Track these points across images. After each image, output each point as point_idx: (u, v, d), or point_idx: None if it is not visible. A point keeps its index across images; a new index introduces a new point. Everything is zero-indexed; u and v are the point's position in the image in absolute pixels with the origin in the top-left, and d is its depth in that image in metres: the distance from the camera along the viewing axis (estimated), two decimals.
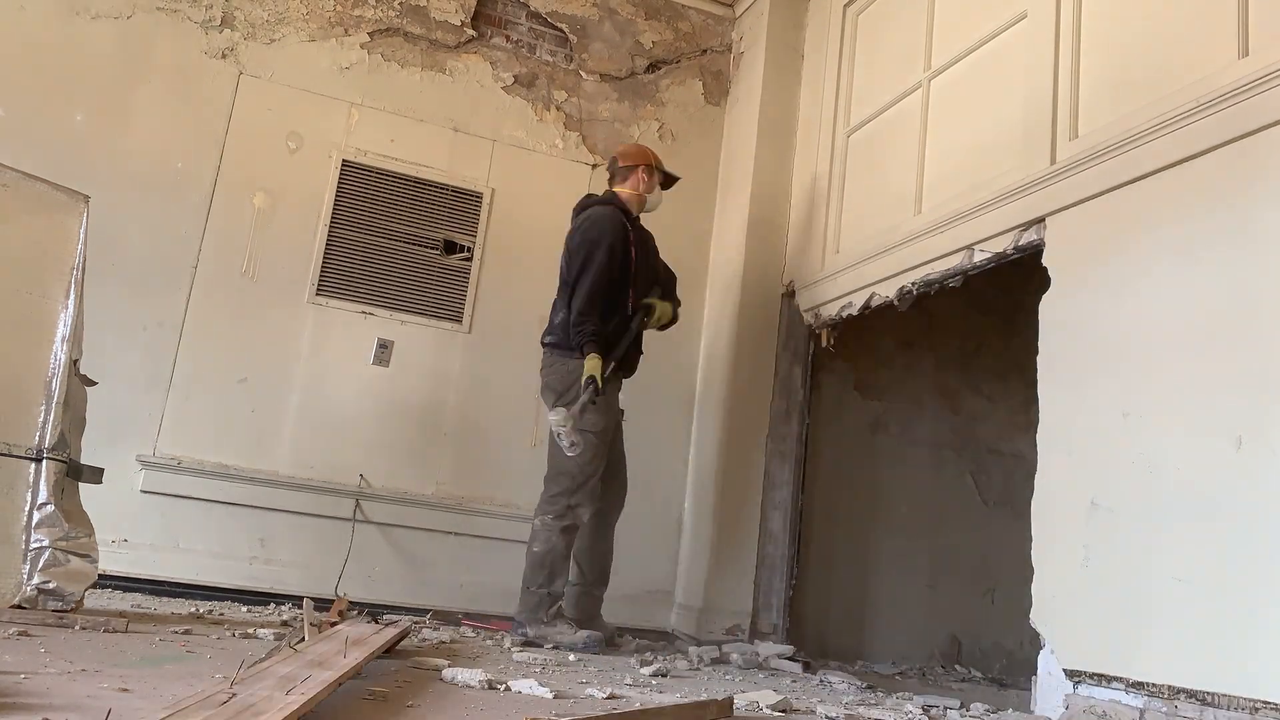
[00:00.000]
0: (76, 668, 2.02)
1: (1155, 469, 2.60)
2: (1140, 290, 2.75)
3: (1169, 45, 2.84)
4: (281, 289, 4.42)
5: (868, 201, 4.29)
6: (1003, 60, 3.56)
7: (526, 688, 2.37)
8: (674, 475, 4.75)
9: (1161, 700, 2.44)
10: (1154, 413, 2.63)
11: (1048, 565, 2.90)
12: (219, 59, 4.47)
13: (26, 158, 3.39)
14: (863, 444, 4.97)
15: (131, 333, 4.16)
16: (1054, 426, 2.98)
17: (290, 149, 4.52)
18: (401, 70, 4.74)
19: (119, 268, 4.10)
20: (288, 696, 1.66)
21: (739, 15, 5.32)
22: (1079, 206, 3.01)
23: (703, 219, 5.07)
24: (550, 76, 5.01)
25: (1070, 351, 2.97)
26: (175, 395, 4.20)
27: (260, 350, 4.35)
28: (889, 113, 4.23)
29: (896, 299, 3.93)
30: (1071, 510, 2.83)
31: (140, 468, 4.09)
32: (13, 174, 3.02)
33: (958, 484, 5.09)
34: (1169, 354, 2.62)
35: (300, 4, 4.63)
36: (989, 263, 3.44)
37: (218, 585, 4.05)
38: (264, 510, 4.22)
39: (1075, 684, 2.70)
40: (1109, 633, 2.63)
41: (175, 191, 4.32)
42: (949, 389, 5.18)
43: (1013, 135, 3.39)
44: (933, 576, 4.93)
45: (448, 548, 4.41)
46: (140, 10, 4.39)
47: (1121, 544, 2.65)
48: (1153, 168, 2.76)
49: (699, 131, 5.18)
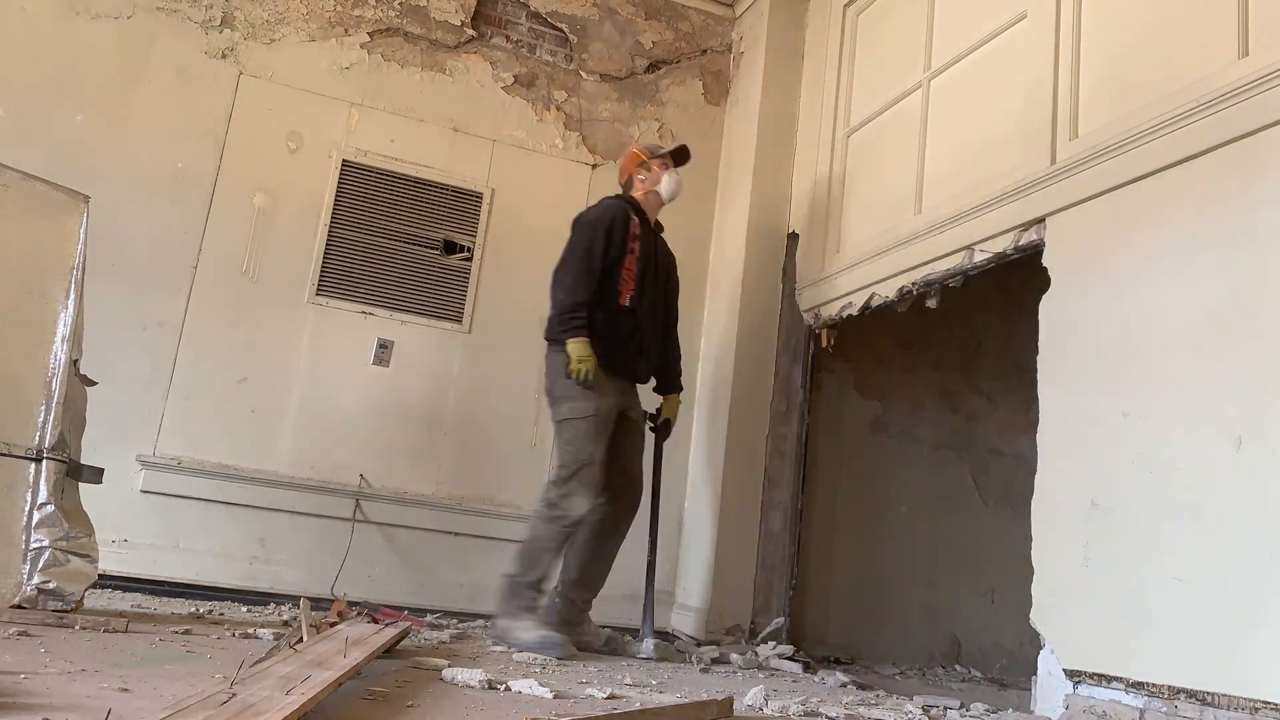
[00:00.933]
0: (76, 668, 2.02)
1: (1155, 469, 2.60)
2: (1140, 290, 2.75)
3: (1169, 45, 2.84)
4: (282, 289, 4.42)
5: (868, 201, 4.29)
6: (1003, 60, 3.56)
7: (526, 688, 2.37)
8: (674, 475, 4.74)
9: (1161, 700, 2.44)
10: (1154, 413, 2.64)
11: (1048, 565, 2.90)
12: (219, 59, 4.48)
13: (27, 158, 3.39)
14: (863, 444, 4.97)
15: (132, 332, 4.16)
16: (1054, 426, 2.98)
17: (290, 149, 4.53)
18: (401, 70, 4.75)
19: (119, 267, 4.10)
20: (288, 696, 1.66)
21: (739, 15, 5.33)
22: (1079, 206, 3.01)
23: (703, 219, 5.07)
24: (550, 76, 5.01)
25: (1070, 351, 2.97)
26: (175, 395, 4.20)
27: (260, 350, 4.35)
28: (889, 113, 4.24)
29: (897, 299, 3.93)
30: (1072, 510, 2.83)
31: (140, 468, 4.09)
32: (13, 174, 3.02)
33: (958, 484, 5.09)
34: (1169, 354, 2.63)
35: (300, 4, 4.63)
36: (989, 263, 3.44)
37: (218, 585, 4.05)
38: (264, 510, 4.22)
39: (1075, 684, 2.70)
40: (1109, 633, 2.63)
41: (176, 191, 4.33)
42: (949, 389, 5.18)
43: (1013, 135, 3.39)
44: (933, 576, 4.93)
45: (448, 548, 4.41)
46: (140, 10, 4.39)
47: (1121, 544, 2.65)
48: (1153, 168, 2.76)
49: (699, 132, 5.18)
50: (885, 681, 3.84)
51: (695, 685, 2.90)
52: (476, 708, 2.09)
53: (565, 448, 3.59)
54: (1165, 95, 2.77)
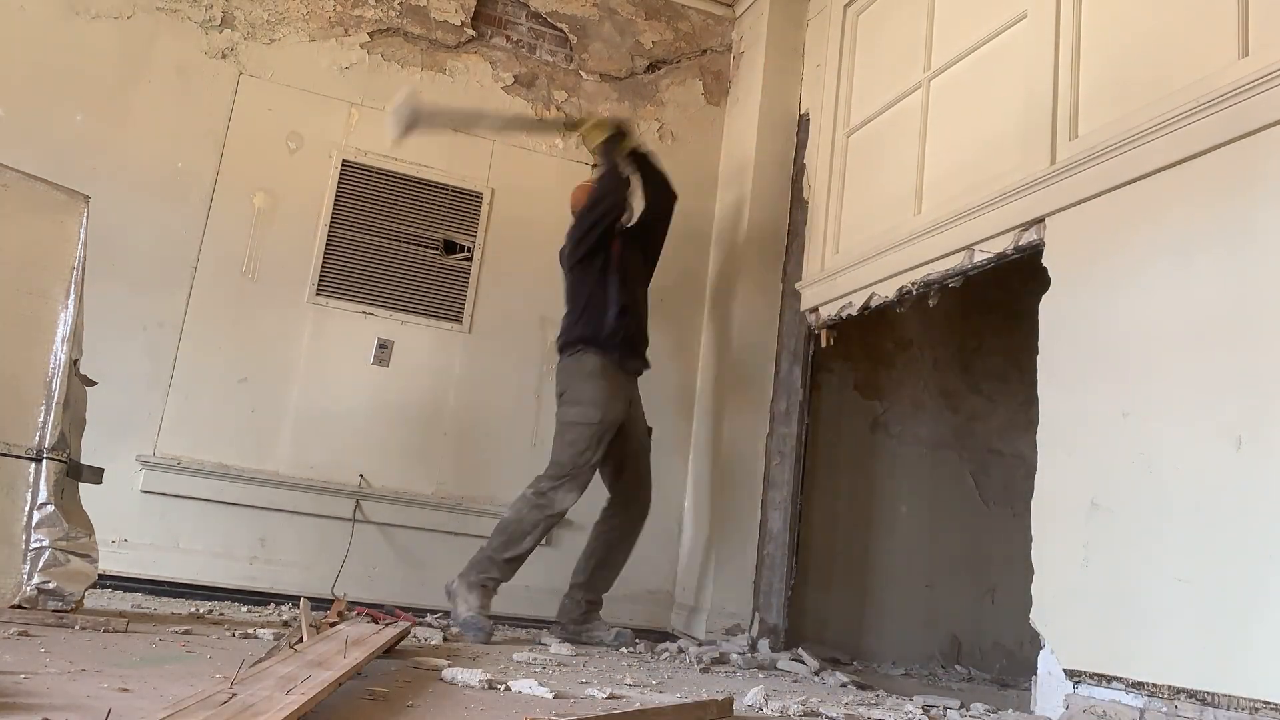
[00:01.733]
0: (76, 667, 2.02)
1: (1155, 469, 2.60)
2: (1140, 290, 2.75)
3: (1169, 45, 2.84)
4: (281, 289, 4.42)
5: (868, 202, 4.28)
6: (1002, 60, 3.56)
7: (526, 688, 2.37)
8: (674, 476, 4.75)
9: (1161, 700, 2.44)
10: (1154, 412, 2.64)
11: (1048, 565, 2.90)
12: (219, 59, 4.47)
13: (27, 158, 3.39)
14: (862, 444, 4.97)
15: (132, 332, 4.16)
16: (1054, 426, 2.98)
17: (290, 149, 4.53)
18: (401, 70, 4.74)
19: (119, 267, 4.10)
20: (288, 696, 1.65)
21: (739, 15, 5.32)
22: (1079, 206, 3.01)
23: (703, 219, 5.06)
24: (550, 76, 5.01)
25: (1070, 351, 2.97)
26: (175, 395, 4.20)
27: (260, 350, 4.35)
28: (889, 113, 4.23)
29: (896, 299, 3.93)
30: (1071, 510, 2.83)
31: (140, 468, 4.09)
32: (13, 174, 3.02)
33: (957, 484, 5.09)
34: (1169, 354, 2.63)
35: (300, 4, 4.63)
36: (989, 263, 3.44)
37: (218, 585, 4.05)
38: (264, 510, 4.22)
39: (1075, 684, 2.70)
40: (1109, 633, 2.63)
41: (176, 191, 4.33)
42: (949, 389, 5.18)
43: (1013, 135, 3.39)
44: (932, 576, 4.93)
45: (448, 547, 4.41)
46: (140, 10, 4.39)
47: (1121, 544, 2.65)
48: (1152, 168, 2.76)
49: (699, 131, 5.18)
50: (885, 681, 3.84)
51: (695, 685, 2.90)
52: (477, 708, 2.09)
53: (566, 448, 3.69)
54: (1165, 95, 2.77)
